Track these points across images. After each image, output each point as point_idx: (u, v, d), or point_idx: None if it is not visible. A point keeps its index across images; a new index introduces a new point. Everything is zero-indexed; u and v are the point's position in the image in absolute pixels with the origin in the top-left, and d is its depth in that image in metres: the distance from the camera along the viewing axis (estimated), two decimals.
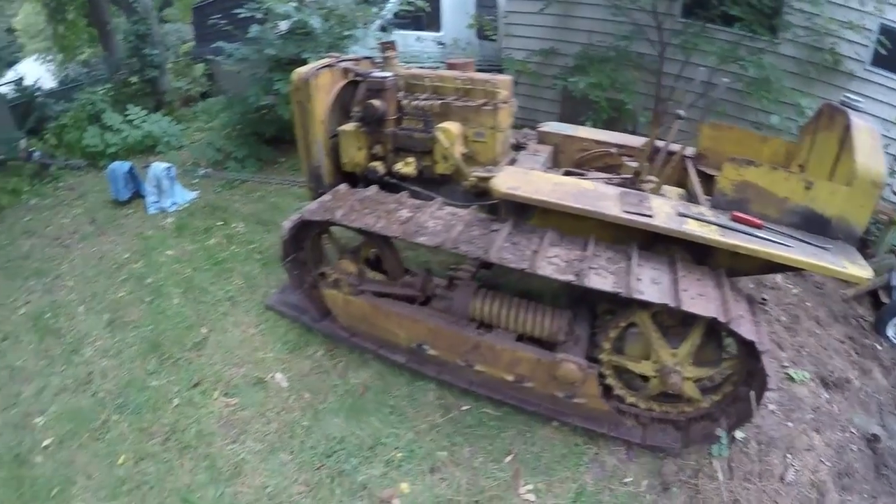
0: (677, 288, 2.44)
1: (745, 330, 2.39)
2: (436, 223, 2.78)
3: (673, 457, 2.97)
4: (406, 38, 6.97)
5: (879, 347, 4.51)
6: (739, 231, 2.57)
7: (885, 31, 5.50)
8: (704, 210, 2.74)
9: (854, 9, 5.27)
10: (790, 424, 3.40)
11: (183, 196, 5.77)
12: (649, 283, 2.48)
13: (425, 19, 7.20)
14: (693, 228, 2.53)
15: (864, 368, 4.19)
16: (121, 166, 5.87)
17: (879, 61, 5.67)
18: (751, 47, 5.54)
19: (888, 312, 4.65)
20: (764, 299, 4.15)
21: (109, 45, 10.28)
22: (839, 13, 5.39)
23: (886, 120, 5.54)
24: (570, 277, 2.43)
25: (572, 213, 2.64)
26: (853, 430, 3.49)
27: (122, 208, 5.87)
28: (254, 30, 5.65)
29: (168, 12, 15.52)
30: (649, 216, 2.57)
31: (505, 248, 2.58)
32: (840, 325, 4.69)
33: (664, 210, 2.65)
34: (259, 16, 5.59)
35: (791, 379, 3.81)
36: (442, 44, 7.92)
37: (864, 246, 5.44)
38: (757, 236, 2.54)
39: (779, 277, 5.02)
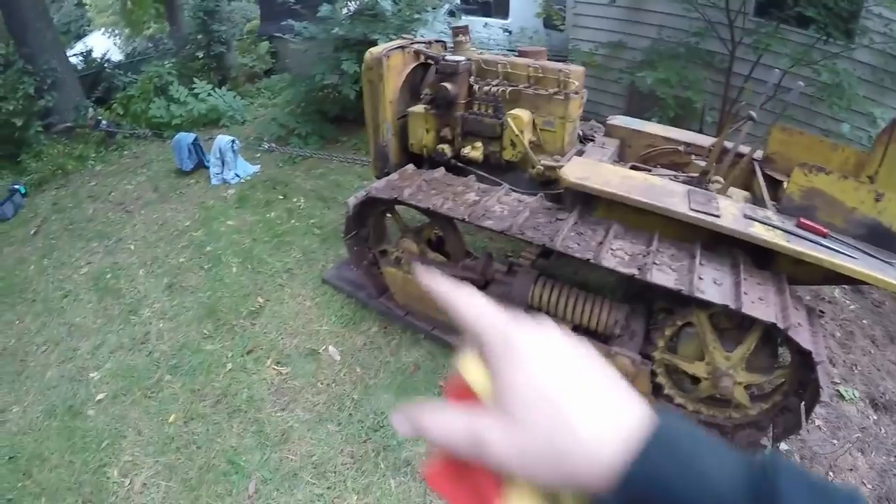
0: (739, 290, 2.41)
1: (803, 339, 2.35)
2: (502, 208, 2.82)
3: None
4: (474, 24, 6.95)
5: None
6: (805, 238, 2.53)
7: None
8: (771, 214, 2.70)
9: None
10: (835, 442, 3.33)
11: (245, 169, 5.96)
12: (711, 283, 2.46)
13: (493, 5, 7.18)
14: (759, 232, 2.50)
15: None
16: (186, 137, 6.10)
17: None
18: (824, 51, 5.34)
19: None
20: (821, 312, 4.05)
21: (177, 20, 10.62)
22: None
23: None
24: (633, 271, 2.44)
25: (638, 208, 2.64)
26: None
27: (185, 178, 6.09)
28: (324, 9, 5.75)
29: None
30: (717, 216, 2.54)
31: (570, 237, 2.60)
32: (895, 347, 4.57)
33: (731, 211, 2.62)
34: None
35: (841, 396, 3.71)
36: (509, 31, 7.89)
37: None
38: (822, 245, 2.50)
39: (837, 291, 4.87)
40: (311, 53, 6.10)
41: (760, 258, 2.73)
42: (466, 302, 0.48)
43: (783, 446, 3.14)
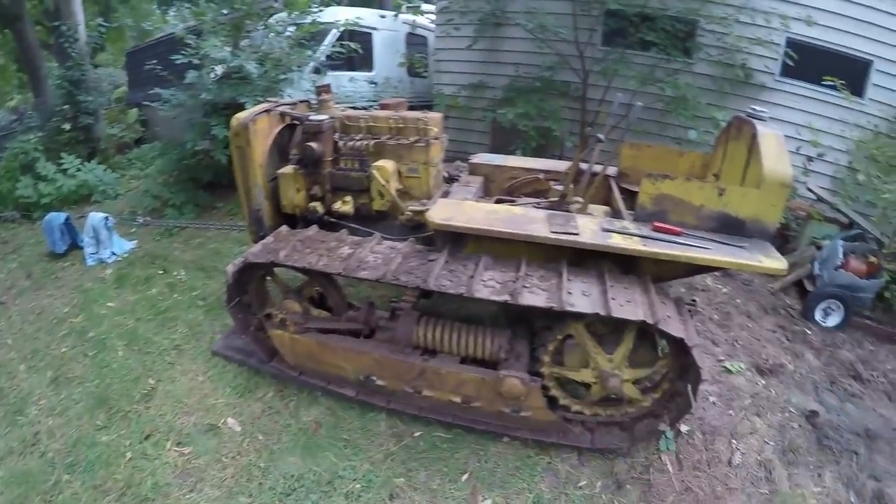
0: (606, 297, 2.66)
1: (674, 329, 2.63)
2: (375, 257, 2.93)
3: (623, 456, 3.17)
4: (339, 79, 7.21)
5: (809, 332, 4.93)
6: (660, 240, 2.82)
7: (791, 44, 6.09)
8: (627, 224, 2.99)
9: (761, 26, 5.80)
10: (731, 413, 3.67)
11: (121, 246, 5.72)
12: (580, 295, 2.69)
13: (357, 60, 7.46)
14: (617, 242, 2.77)
15: (797, 353, 4.58)
16: (56, 217, 5.80)
17: (789, 72, 6.26)
18: (668, 69, 6.00)
19: (814, 298, 5.09)
20: (694, 300, 4.46)
21: (41, 90, 10.06)
22: (748, 31, 5.92)
23: (798, 125, 6.06)
24: (505, 297, 2.62)
25: (504, 238, 2.85)
26: (792, 410, 3.81)
27: (59, 261, 5.77)
28: (191, 75, 5.74)
29: (100, 57, 15.28)
30: (576, 234, 2.80)
31: (442, 275, 2.75)
32: (770, 316, 5.10)
33: (590, 227, 2.89)
34: (195, 61, 5.67)
35: (728, 371, 4.11)
36: (374, 83, 8.22)
37: (787, 241, 5.91)
38: (677, 243, 2.80)
39: (709, 279, 5.39)
40: (180, 120, 6.03)
41: (627, 265, 3.02)
42: None
43: (683, 428, 3.40)
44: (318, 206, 3.53)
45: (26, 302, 5.07)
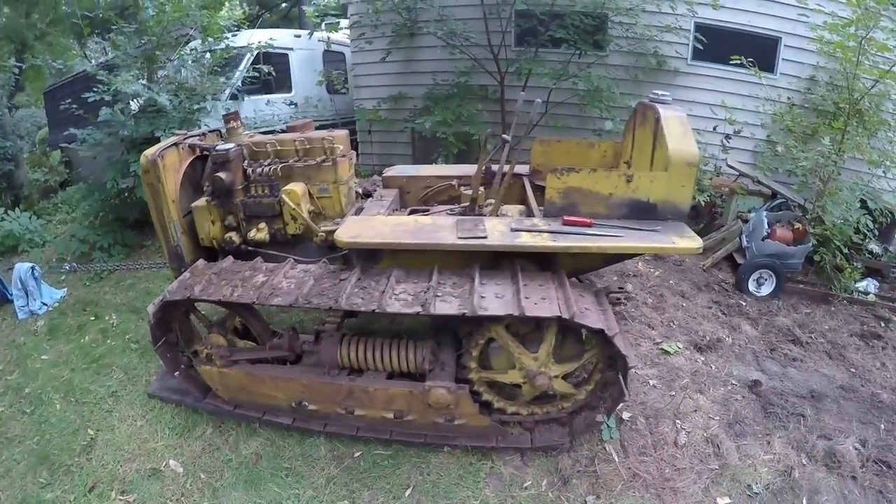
0: (519, 297, 2.72)
1: (592, 320, 2.71)
2: (289, 283, 2.98)
3: (566, 452, 3.24)
4: (258, 104, 7.22)
5: (744, 303, 5.17)
6: (571, 233, 2.90)
7: (699, 28, 6.40)
8: (538, 221, 3.08)
9: (668, 13, 6.06)
10: (673, 393, 3.79)
11: (51, 295, 5.61)
12: (493, 298, 2.76)
13: (274, 83, 7.49)
14: (526, 240, 2.85)
15: (734, 325, 4.78)
16: None
17: (699, 55, 6.58)
18: (582, 63, 6.21)
19: (745, 270, 5.35)
20: (621, 288, 4.62)
21: None
22: (657, 19, 6.19)
23: (712, 104, 6.35)
24: (416, 309, 2.68)
25: (414, 249, 2.93)
26: (734, 382, 3.96)
27: None
28: (104, 112, 5.66)
29: (20, 98, 14.82)
30: (483, 237, 2.87)
31: (354, 293, 2.82)
32: (704, 293, 5.31)
33: (498, 229, 2.98)
34: (108, 98, 5.61)
35: (666, 353, 4.25)
36: (294, 103, 8.30)
37: (715, 217, 6.18)
38: (587, 234, 2.89)
39: (640, 264, 5.59)
40: (100, 159, 5.95)
41: (544, 262, 3.11)
42: None
43: (625, 415, 3.51)
44: (234, 236, 3.56)
45: None
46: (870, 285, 5.62)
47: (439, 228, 3.01)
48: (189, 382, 3.59)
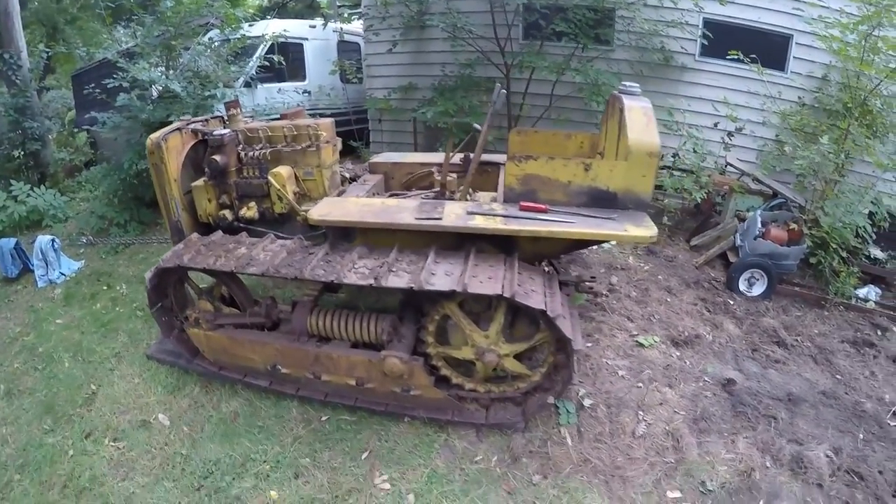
0: (464, 276, 3.05)
1: (534, 301, 2.99)
2: (265, 255, 3.48)
3: (520, 431, 3.55)
4: (271, 91, 7.81)
5: (732, 302, 5.34)
6: (524, 218, 3.19)
7: (707, 24, 6.63)
8: (495, 206, 3.41)
9: (672, 8, 6.33)
10: (640, 385, 4.00)
11: (69, 266, 6.29)
12: (442, 275, 3.12)
13: (287, 71, 8.08)
14: (478, 223, 3.18)
15: (716, 323, 4.95)
16: (6, 243, 6.34)
17: (707, 51, 6.80)
18: (586, 57, 6.55)
19: (736, 269, 5.53)
20: (593, 277, 4.92)
21: None
22: (663, 14, 6.46)
23: (716, 101, 6.58)
24: (369, 281, 3.10)
25: (383, 229, 3.37)
26: (707, 379, 4.13)
27: (11, 285, 6.30)
28: (121, 98, 6.32)
29: (51, 79, 15.84)
30: (438, 219, 3.26)
31: (319, 265, 3.29)
32: (692, 290, 5.50)
33: (455, 212, 3.35)
34: (126, 84, 6.26)
35: (640, 345, 4.48)
36: (307, 92, 8.89)
37: (712, 216, 6.42)
38: (540, 220, 3.17)
39: (630, 258, 5.90)
40: (120, 141, 6.62)
41: (505, 246, 3.41)
42: None
43: (587, 401, 3.78)
44: (227, 214, 4.09)
45: None
46: (871, 292, 5.69)
47: (401, 210, 3.45)
48: (180, 345, 4.13)
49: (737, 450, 3.48)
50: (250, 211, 4.03)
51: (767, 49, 6.42)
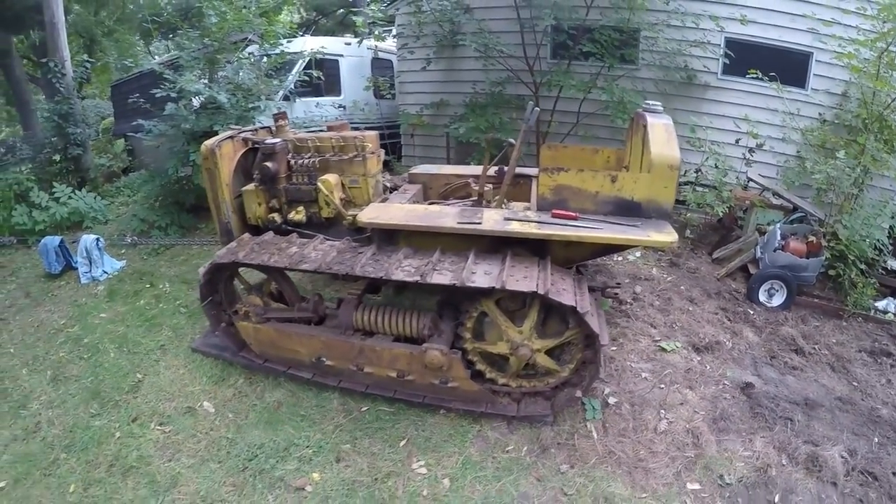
0: (502, 274, 3.35)
1: (566, 298, 3.27)
2: (317, 253, 3.80)
3: (549, 424, 3.79)
4: (308, 105, 8.25)
5: (752, 312, 5.56)
6: (556, 224, 3.51)
7: (729, 43, 6.92)
8: (530, 213, 3.73)
9: (693, 28, 6.64)
10: (662, 386, 4.23)
11: (112, 265, 6.67)
12: (482, 274, 3.42)
13: (324, 86, 8.55)
14: (515, 227, 3.50)
15: (736, 331, 5.16)
16: (51, 241, 6.74)
17: (729, 70, 7.08)
18: (612, 76, 6.87)
19: (756, 280, 5.75)
20: (618, 283, 5.20)
21: (30, 124, 11.08)
22: (686, 34, 6.77)
23: (737, 118, 6.84)
24: (416, 278, 3.41)
25: (422, 231, 3.68)
26: (726, 383, 4.34)
27: (55, 280, 6.68)
28: (169, 107, 6.73)
29: (86, 89, 16.49)
30: (478, 223, 3.58)
31: (368, 263, 3.60)
32: (714, 300, 5.73)
33: (493, 218, 3.68)
34: (173, 94, 6.68)
35: (663, 350, 4.70)
36: (342, 106, 9.36)
37: (733, 229, 6.65)
38: (571, 225, 3.49)
39: (654, 270, 6.15)
40: (163, 149, 7.03)
41: (539, 250, 3.72)
42: None
43: (612, 399, 4.02)
44: (276, 217, 4.43)
45: (26, 317, 5.97)
46: (890, 304, 5.86)
47: (443, 215, 3.77)
48: (227, 337, 4.45)
49: (754, 448, 3.66)
50: (299, 214, 4.36)
51: (789, 66, 6.70)
